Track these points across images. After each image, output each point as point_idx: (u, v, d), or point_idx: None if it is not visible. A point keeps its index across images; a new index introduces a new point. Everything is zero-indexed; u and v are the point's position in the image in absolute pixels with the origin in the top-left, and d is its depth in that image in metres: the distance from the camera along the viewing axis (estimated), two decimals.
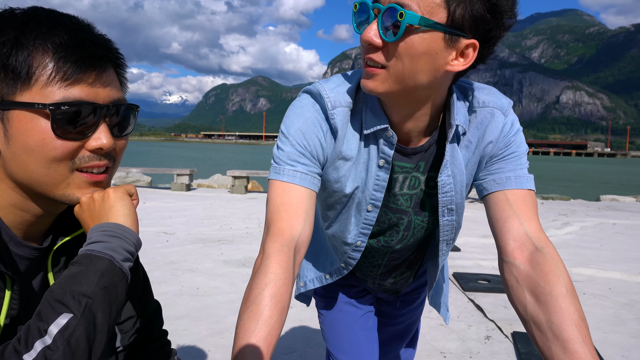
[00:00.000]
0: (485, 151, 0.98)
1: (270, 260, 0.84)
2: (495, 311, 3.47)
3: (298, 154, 0.93)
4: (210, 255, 4.85)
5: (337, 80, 0.99)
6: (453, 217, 1.04)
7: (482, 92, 0.99)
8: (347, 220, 1.06)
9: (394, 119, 0.94)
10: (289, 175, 0.92)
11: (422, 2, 0.78)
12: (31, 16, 0.74)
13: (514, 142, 0.98)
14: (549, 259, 0.88)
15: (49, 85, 0.72)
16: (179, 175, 10.73)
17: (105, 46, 0.78)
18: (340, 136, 0.96)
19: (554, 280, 0.84)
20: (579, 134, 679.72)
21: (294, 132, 0.94)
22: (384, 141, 0.95)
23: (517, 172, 0.96)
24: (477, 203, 10.10)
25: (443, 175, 0.97)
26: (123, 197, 0.82)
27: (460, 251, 5.42)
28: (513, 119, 0.99)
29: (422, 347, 2.83)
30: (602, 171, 44.05)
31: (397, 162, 0.99)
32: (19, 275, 0.81)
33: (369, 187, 0.99)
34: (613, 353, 2.81)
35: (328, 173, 0.99)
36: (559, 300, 0.81)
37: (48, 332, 0.64)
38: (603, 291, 4.04)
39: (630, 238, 6.53)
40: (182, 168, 11.32)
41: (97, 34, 0.79)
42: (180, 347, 2.71)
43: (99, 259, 0.72)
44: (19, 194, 0.78)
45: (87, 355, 0.66)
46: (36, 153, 0.73)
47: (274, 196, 0.92)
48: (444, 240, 1.08)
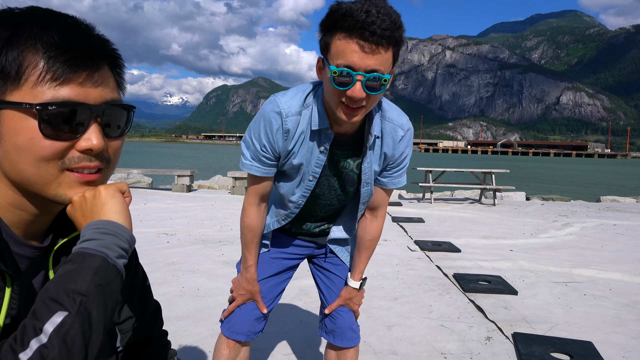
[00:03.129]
0: (387, 154, 1.49)
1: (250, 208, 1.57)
2: (495, 312, 3.47)
3: (261, 153, 1.43)
4: (211, 256, 4.85)
5: (291, 93, 1.42)
6: (369, 188, 1.56)
7: (389, 110, 1.47)
8: (293, 185, 1.53)
9: (336, 122, 1.38)
10: (256, 171, 1.47)
11: (387, 66, 1.24)
12: (26, 16, 0.74)
13: (403, 155, 1.52)
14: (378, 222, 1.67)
15: (39, 85, 0.71)
16: (180, 177, 10.74)
17: (99, 46, 0.77)
18: (290, 134, 1.40)
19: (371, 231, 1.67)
20: (579, 135, 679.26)
21: (258, 137, 1.41)
22: (325, 135, 1.41)
23: (394, 180, 1.58)
24: (477, 204, 10.10)
25: (365, 163, 1.48)
26: (115, 195, 0.81)
27: (460, 252, 5.42)
28: (407, 135, 1.50)
29: (422, 348, 2.83)
30: (602, 172, 44.02)
31: (335, 150, 1.46)
32: (19, 274, 0.81)
33: (312, 164, 1.46)
34: (614, 354, 2.81)
35: (283, 156, 1.45)
36: (366, 239, 1.66)
37: (43, 330, 0.64)
38: (604, 292, 4.04)
39: (631, 239, 6.53)
40: (182, 169, 11.33)
41: (92, 34, 0.78)
42: (181, 348, 2.71)
43: (92, 257, 0.72)
44: (15, 193, 0.78)
45: (83, 353, 0.66)
46: (25, 152, 0.73)
47: (250, 181, 1.53)
48: (362, 202, 1.59)
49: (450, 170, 10.64)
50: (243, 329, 1.64)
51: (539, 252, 5.54)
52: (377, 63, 1.20)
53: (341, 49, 1.20)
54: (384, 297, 3.73)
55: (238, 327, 1.64)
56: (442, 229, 6.98)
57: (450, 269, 4.63)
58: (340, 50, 1.20)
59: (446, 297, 3.80)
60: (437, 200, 10.73)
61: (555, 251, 5.60)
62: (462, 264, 4.83)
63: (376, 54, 1.19)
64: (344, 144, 1.46)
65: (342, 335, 1.70)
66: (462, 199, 11.07)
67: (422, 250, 5.45)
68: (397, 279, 4.26)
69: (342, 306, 1.72)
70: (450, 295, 3.85)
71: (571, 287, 4.17)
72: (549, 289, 4.06)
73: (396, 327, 3.14)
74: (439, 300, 3.73)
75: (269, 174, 1.49)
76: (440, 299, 3.76)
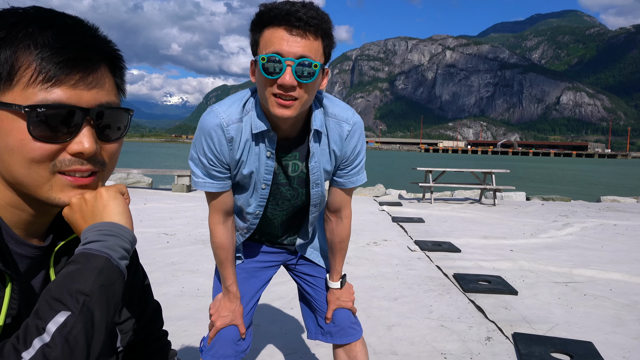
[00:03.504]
0: (335, 152, 1.44)
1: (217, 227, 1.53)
2: (495, 312, 3.47)
3: (211, 168, 1.39)
4: (211, 256, 4.85)
5: (228, 102, 1.38)
6: (319, 189, 1.51)
7: (331, 105, 1.42)
8: (248, 196, 1.49)
9: (276, 124, 1.34)
10: (210, 187, 1.42)
11: (318, 55, 1.22)
12: (23, 15, 0.73)
13: (355, 151, 1.47)
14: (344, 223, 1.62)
15: (30, 86, 0.71)
16: (180, 177, 10.74)
17: (96, 47, 0.76)
18: (235, 143, 1.36)
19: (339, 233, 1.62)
20: (579, 135, 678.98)
21: (203, 152, 1.37)
22: (269, 139, 1.37)
23: (352, 179, 1.52)
24: (478, 204, 10.10)
25: (312, 162, 1.43)
26: (116, 196, 0.81)
27: (460, 252, 5.42)
28: (355, 129, 1.44)
29: (422, 348, 2.83)
30: (602, 172, 44.01)
31: (280, 154, 1.42)
32: (19, 274, 0.81)
33: (261, 172, 1.42)
34: (614, 354, 2.81)
35: (233, 167, 1.41)
36: (335, 241, 1.63)
37: (46, 330, 0.64)
38: (604, 292, 4.03)
39: (631, 239, 6.53)
40: (183, 169, 11.33)
41: (91, 35, 0.77)
42: (181, 348, 2.71)
43: (96, 257, 0.72)
44: (13, 193, 0.78)
45: (85, 352, 0.66)
46: (16, 153, 0.73)
47: (208, 198, 1.48)
48: (312, 204, 1.54)
49: (450, 170, 10.63)
50: (228, 351, 1.55)
51: (539, 252, 5.54)
52: (306, 50, 1.19)
53: (268, 39, 1.20)
54: (384, 297, 3.73)
55: (223, 350, 1.55)
56: (442, 229, 6.97)
57: (450, 269, 4.63)
58: (268, 40, 1.20)
59: (446, 297, 3.80)
60: (437, 200, 10.72)
61: (555, 251, 5.60)
62: (462, 264, 4.83)
63: (304, 39, 1.19)
64: (289, 147, 1.42)
65: (342, 332, 1.67)
66: (462, 199, 11.07)
67: (422, 250, 5.44)
68: (397, 279, 4.26)
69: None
70: (450, 296, 3.85)
71: (571, 287, 4.16)
72: (549, 289, 4.06)
73: (396, 327, 3.14)
74: (439, 300, 3.73)
75: (225, 188, 1.44)
76: (440, 299, 3.76)
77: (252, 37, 1.27)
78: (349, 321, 1.68)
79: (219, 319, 1.56)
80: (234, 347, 1.57)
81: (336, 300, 1.66)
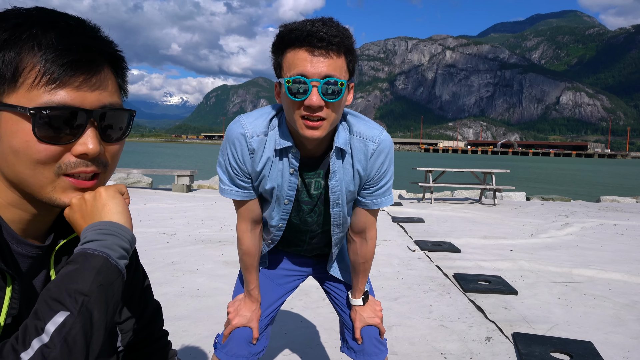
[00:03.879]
0: (359, 172, 1.40)
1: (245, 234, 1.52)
2: (495, 312, 3.47)
3: (235, 177, 1.39)
4: (211, 256, 4.85)
5: (256, 114, 1.38)
6: (340, 209, 1.47)
7: (357, 123, 1.38)
8: (271, 209, 1.48)
9: (301, 141, 1.33)
10: (236, 195, 1.42)
11: (342, 73, 1.21)
12: (26, 16, 0.73)
13: (380, 171, 1.41)
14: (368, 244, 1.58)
15: (35, 88, 0.71)
16: (180, 177, 10.73)
17: (99, 48, 0.77)
18: (256, 155, 1.36)
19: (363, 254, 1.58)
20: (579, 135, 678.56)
21: (228, 160, 1.38)
22: (292, 156, 1.36)
23: (376, 200, 1.47)
24: (478, 204, 10.10)
25: (332, 181, 1.40)
26: (115, 195, 0.81)
27: (460, 252, 5.42)
28: (381, 148, 1.38)
29: (422, 348, 2.83)
30: (602, 172, 44.02)
31: (304, 171, 1.41)
32: (20, 273, 0.82)
33: (284, 188, 1.40)
34: (614, 354, 2.81)
35: (254, 178, 1.40)
36: (359, 262, 1.58)
37: (45, 330, 0.64)
38: (604, 292, 4.04)
39: (631, 239, 6.53)
40: (182, 169, 11.33)
41: (94, 36, 0.77)
42: (181, 348, 2.71)
43: (94, 257, 0.72)
44: (14, 193, 0.78)
45: (84, 353, 0.66)
46: (21, 155, 0.73)
47: (236, 206, 1.48)
48: (334, 224, 1.51)
49: (450, 170, 10.64)
50: (242, 351, 1.57)
51: (539, 252, 5.54)
52: (330, 68, 1.18)
53: (292, 61, 1.19)
54: (384, 297, 3.73)
55: (237, 349, 1.57)
56: (442, 229, 6.98)
57: (450, 269, 4.63)
58: (291, 62, 1.19)
59: (446, 297, 3.80)
60: (437, 200, 10.73)
61: (555, 251, 5.60)
62: (462, 264, 4.83)
63: (327, 59, 1.18)
64: (313, 165, 1.40)
65: (365, 351, 1.64)
66: (462, 199, 11.07)
67: (422, 251, 5.45)
68: (397, 279, 4.26)
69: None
70: (450, 296, 3.85)
71: (571, 287, 4.17)
72: (549, 289, 4.06)
73: (396, 327, 3.14)
74: (439, 300, 3.73)
75: (251, 197, 1.44)
76: (440, 299, 3.76)
77: (275, 59, 1.26)
78: (373, 340, 1.63)
79: (237, 317, 1.58)
80: (247, 348, 1.58)
81: (360, 317, 1.63)
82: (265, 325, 1.67)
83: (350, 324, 1.68)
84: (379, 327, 1.64)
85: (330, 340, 2.88)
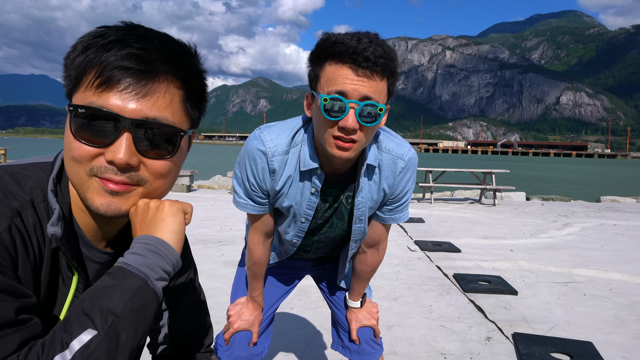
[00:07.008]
0: (385, 189, 1.37)
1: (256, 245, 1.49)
2: (495, 312, 3.47)
3: (252, 192, 1.34)
4: (211, 256, 4.85)
5: (278, 130, 1.31)
6: (362, 225, 1.44)
7: (386, 140, 1.35)
8: (287, 226, 1.46)
9: (327, 159, 1.28)
10: (251, 209, 1.39)
11: (382, 97, 1.15)
12: (111, 28, 0.76)
13: (404, 189, 1.40)
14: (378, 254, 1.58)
15: (88, 89, 0.74)
16: (180, 177, 10.74)
17: (162, 63, 0.76)
18: (277, 175, 1.31)
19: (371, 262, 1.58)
20: (579, 135, 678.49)
21: (246, 175, 1.32)
22: (315, 176, 1.31)
23: (395, 216, 1.46)
24: (478, 204, 10.10)
25: (359, 197, 1.36)
26: (177, 214, 0.81)
27: (460, 252, 5.42)
28: (409, 167, 1.36)
29: (422, 348, 2.83)
30: (602, 172, 44.00)
31: (326, 189, 1.36)
32: (87, 275, 0.84)
33: (303, 206, 1.37)
34: (614, 354, 2.81)
35: (272, 196, 1.37)
36: (366, 270, 1.58)
37: (70, 347, 0.64)
38: (604, 292, 4.04)
39: (631, 239, 6.53)
40: (182, 169, 11.33)
41: (168, 51, 0.77)
42: None
43: (133, 277, 0.71)
44: (77, 194, 0.80)
45: None
46: (66, 150, 0.77)
47: (249, 219, 1.47)
48: (353, 239, 1.49)
49: (450, 170, 10.64)
50: (244, 353, 1.58)
51: (539, 252, 5.54)
52: (371, 91, 1.11)
53: (332, 76, 1.12)
54: (384, 297, 3.73)
55: (239, 352, 1.58)
56: (442, 229, 6.98)
57: (450, 269, 4.63)
58: (331, 78, 1.12)
59: (446, 297, 3.80)
60: (437, 200, 10.73)
61: (555, 251, 5.60)
62: (462, 264, 4.83)
63: (370, 80, 1.11)
64: (337, 182, 1.36)
65: (360, 351, 1.64)
66: (462, 199, 11.08)
67: (422, 251, 5.45)
68: (397, 279, 4.26)
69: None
70: (450, 296, 3.85)
71: (571, 287, 4.17)
72: (549, 289, 4.06)
73: (396, 327, 3.14)
74: (439, 300, 3.73)
75: (266, 211, 1.40)
76: (440, 299, 3.76)
77: (312, 69, 1.19)
78: (369, 340, 1.65)
79: (239, 321, 1.58)
80: (249, 350, 1.60)
81: (357, 318, 1.63)
82: (265, 326, 1.68)
83: (346, 324, 1.68)
84: (374, 329, 1.65)
85: (330, 340, 2.88)
